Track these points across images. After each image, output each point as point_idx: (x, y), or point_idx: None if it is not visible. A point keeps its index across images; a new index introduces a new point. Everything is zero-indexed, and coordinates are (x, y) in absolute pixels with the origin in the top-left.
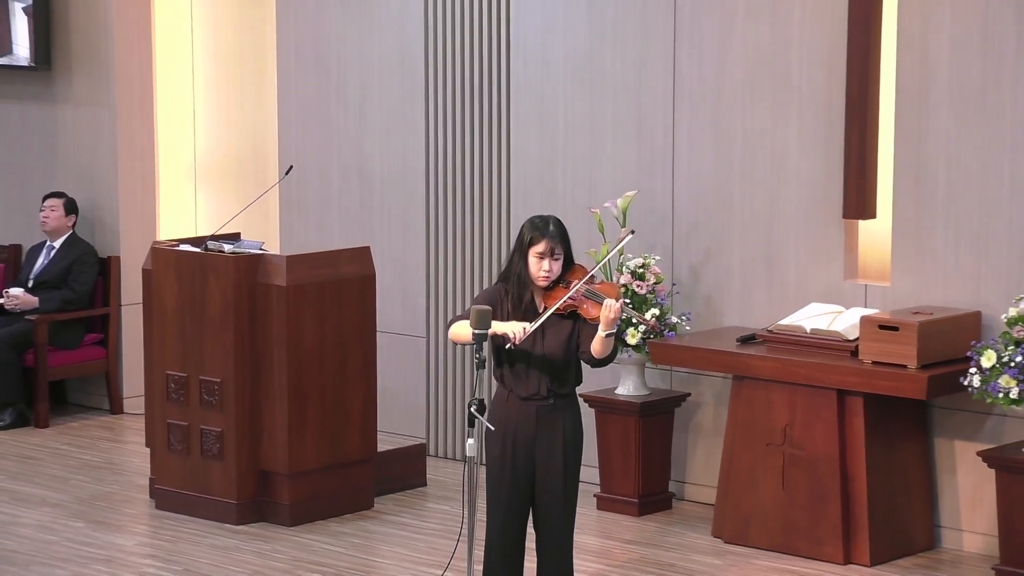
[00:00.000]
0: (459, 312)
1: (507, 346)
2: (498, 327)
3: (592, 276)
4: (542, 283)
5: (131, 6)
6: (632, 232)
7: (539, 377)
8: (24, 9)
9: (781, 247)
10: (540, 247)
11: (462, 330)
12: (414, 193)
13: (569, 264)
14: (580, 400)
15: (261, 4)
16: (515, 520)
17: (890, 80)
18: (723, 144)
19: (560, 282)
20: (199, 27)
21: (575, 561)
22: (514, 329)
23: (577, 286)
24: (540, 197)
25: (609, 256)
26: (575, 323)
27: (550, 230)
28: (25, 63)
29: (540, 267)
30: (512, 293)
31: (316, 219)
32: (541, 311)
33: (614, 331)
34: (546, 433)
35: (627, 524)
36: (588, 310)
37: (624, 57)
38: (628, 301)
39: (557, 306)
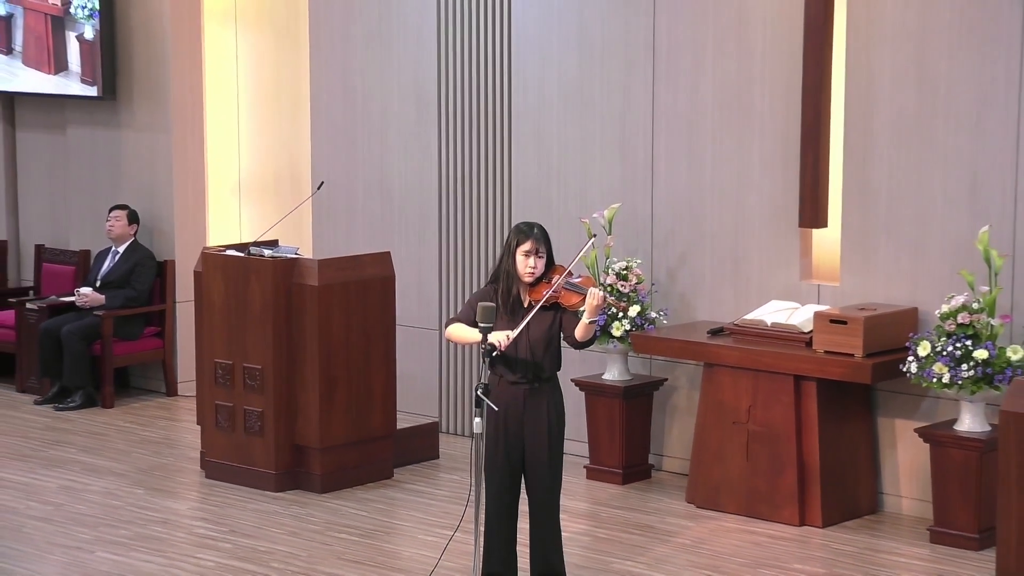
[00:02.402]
0: (457, 313)
1: (494, 353)
2: (479, 337)
3: (570, 272)
4: (528, 279)
5: (185, 45)
6: (595, 236)
7: (525, 364)
8: (76, 37)
9: (746, 252)
10: (526, 246)
11: (460, 332)
12: (428, 205)
13: (550, 264)
14: (572, 384)
15: (296, 43)
16: (508, 487)
17: (839, 108)
18: (695, 163)
19: (543, 279)
20: (243, 63)
21: (567, 523)
22: (499, 338)
23: (559, 280)
24: (537, 208)
25: (577, 258)
26: (556, 314)
27: (534, 232)
28: (78, 79)
29: (526, 264)
30: (501, 289)
31: (344, 228)
32: (526, 304)
33: (598, 319)
34: (532, 412)
35: (612, 491)
36: (568, 299)
37: (610, 88)
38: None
39: (542, 302)
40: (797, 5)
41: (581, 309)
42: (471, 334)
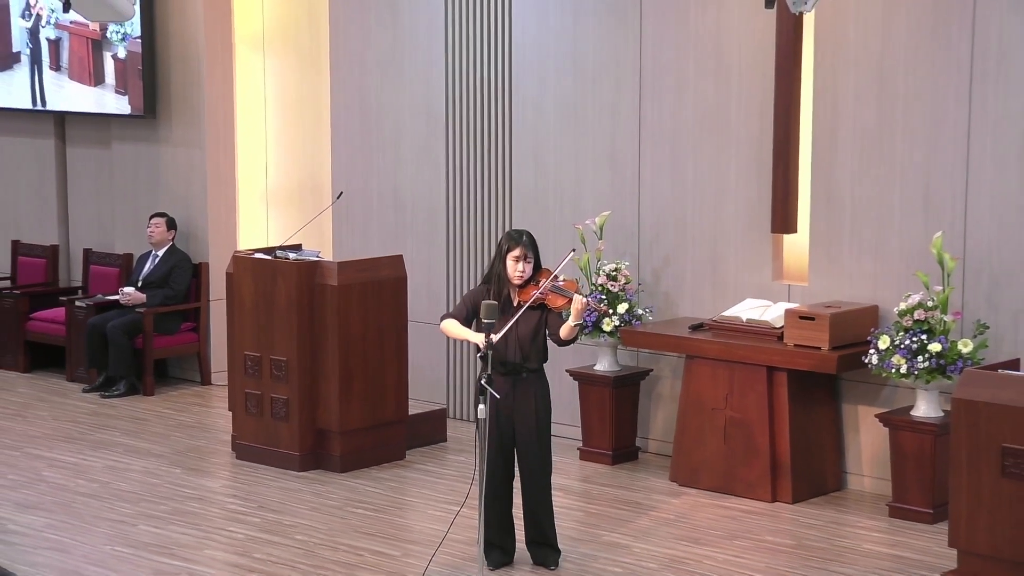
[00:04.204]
0: (450, 309)
1: (479, 354)
2: (470, 336)
3: (555, 276)
4: (517, 281)
5: (218, 68)
6: (574, 250)
7: (514, 356)
8: (111, 56)
9: (723, 255)
10: (516, 252)
11: (457, 330)
12: (437, 212)
13: (537, 268)
14: (566, 374)
15: (318, 66)
16: (501, 464)
17: (808, 124)
18: (678, 174)
19: (531, 281)
20: (270, 85)
21: (562, 498)
22: (479, 340)
23: (545, 284)
24: (535, 215)
25: (563, 264)
26: (542, 313)
27: (523, 240)
28: (112, 90)
29: (515, 268)
30: (493, 290)
31: (361, 233)
32: (515, 304)
33: (581, 322)
34: (522, 399)
35: (603, 471)
36: (554, 301)
37: (601, 106)
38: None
39: (529, 302)
40: (769, 31)
41: (566, 312)
42: (470, 334)
